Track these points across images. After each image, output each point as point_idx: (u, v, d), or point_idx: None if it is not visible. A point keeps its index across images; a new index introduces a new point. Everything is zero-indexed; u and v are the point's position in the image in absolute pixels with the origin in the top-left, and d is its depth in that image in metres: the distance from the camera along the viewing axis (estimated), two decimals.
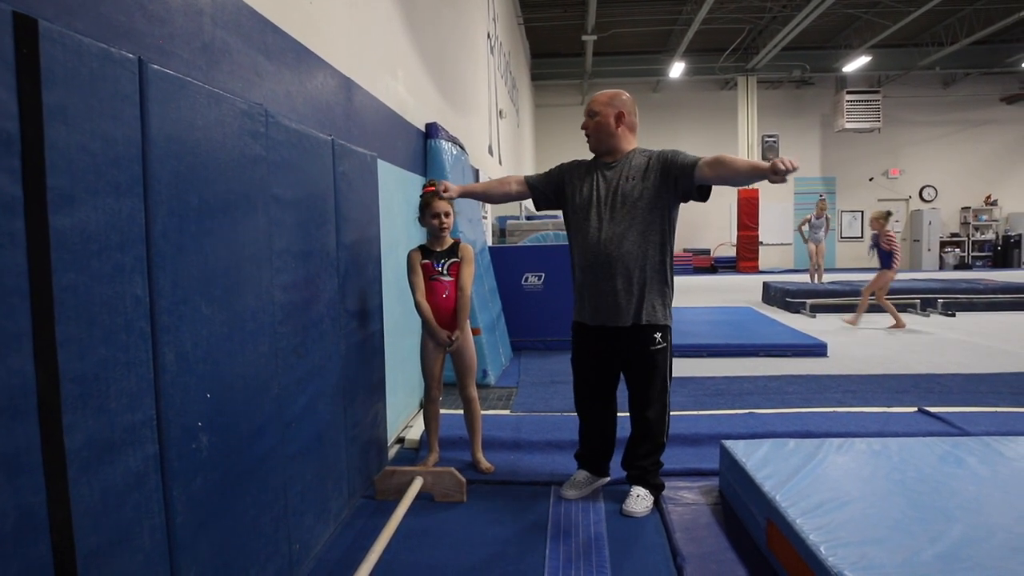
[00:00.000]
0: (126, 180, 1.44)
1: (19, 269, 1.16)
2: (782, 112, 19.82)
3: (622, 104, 2.83)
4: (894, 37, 15.39)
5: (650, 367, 2.86)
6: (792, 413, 4.09)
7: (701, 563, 2.42)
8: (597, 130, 2.85)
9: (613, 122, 2.81)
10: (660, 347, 2.83)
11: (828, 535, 2.01)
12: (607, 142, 2.84)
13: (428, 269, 3.22)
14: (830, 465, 2.63)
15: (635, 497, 2.90)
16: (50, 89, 1.23)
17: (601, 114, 2.82)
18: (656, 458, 2.96)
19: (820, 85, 19.43)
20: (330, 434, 2.62)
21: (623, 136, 2.84)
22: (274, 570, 2.11)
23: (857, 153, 19.74)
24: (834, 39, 17.09)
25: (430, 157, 4.87)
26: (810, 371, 5.50)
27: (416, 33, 4.72)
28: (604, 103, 2.83)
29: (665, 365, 2.88)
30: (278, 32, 2.39)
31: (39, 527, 1.19)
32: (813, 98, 19.81)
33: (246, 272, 1.95)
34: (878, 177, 19.88)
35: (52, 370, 1.23)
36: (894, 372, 5.40)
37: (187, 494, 1.64)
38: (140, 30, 1.62)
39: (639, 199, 2.76)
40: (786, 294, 9.85)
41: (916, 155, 19.88)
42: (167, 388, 1.56)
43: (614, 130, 2.82)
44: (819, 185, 20.28)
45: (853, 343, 6.93)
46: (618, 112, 2.81)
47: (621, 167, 2.82)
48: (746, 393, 4.74)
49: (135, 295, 1.46)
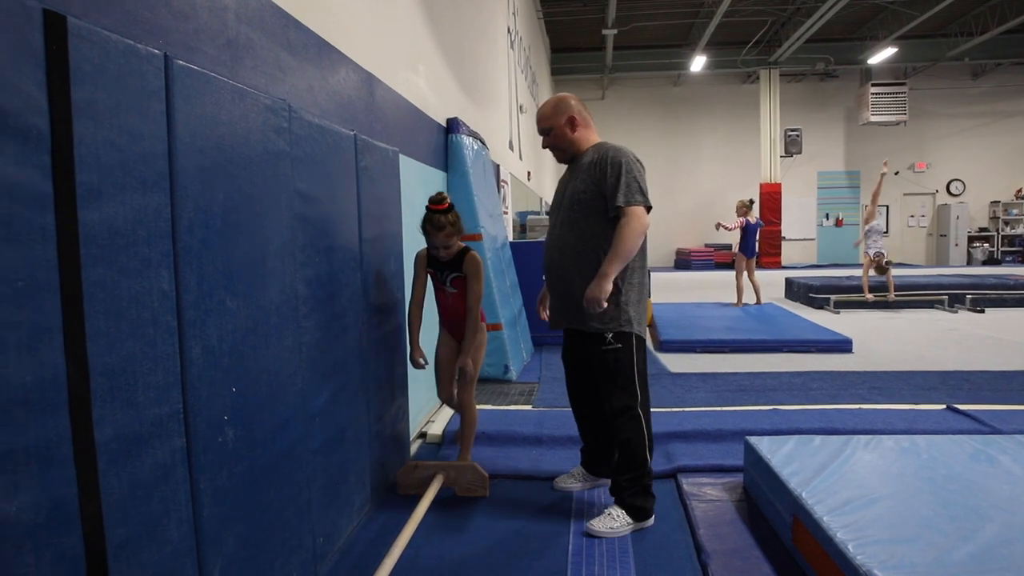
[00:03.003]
0: (152, 175, 1.45)
1: (50, 264, 1.18)
2: (805, 105, 19.59)
3: (568, 108, 2.76)
4: (921, 28, 15.12)
5: (604, 369, 2.70)
6: (817, 409, 4.04)
7: (726, 559, 2.39)
8: (556, 143, 2.79)
9: (568, 130, 2.75)
10: (612, 347, 2.66)
11: (856, 533, 1.98)
12: (569, 150, 2.78)
13: (433, 277, 3.09)
14: (857, 462, 2.59)
15: (604, 514, 2.67)
16: (78, 85, 1.23)
17: (554, 127, 2.76)
18: (632, 476, 2.68)
19: (844, 78, 19.17)
20: (353, 428, 2.63)
21: (581, 137, 2.77)
22: (298, 563, 2.12)
23: (882, 147, 19.45)
24: (859, 30, 16.84)
25: (451, 152, 4.87)
26: (835, 367, 5.44)
27: (437, 28, 4.72)
28: (550, 115, 2.77)
29: (624, 369, 2.67)
30: (300, 28, 2.39)
31: (71, 518, 1.21)
32: (837, 91, 19.56)
33: (270, 266, 1.96)
34: (904, 171, 19.58)
35: (82, 364, 1.24)
36: (921, 369, 5.32)
37: (213, 487, 1.65)
38: (166, 26, 1.63)
39: (578, 202, 2.68)
40: (809, 290, 9.74)
41: (943, 148, 19.56)
42: (193, 382, 1.58)
43: (571, 136, 2.76)
44: (843, 179, 20.05)
45: (879, 339, 6.84)
46: (568, 118, 2.74)
47: (575, 168, 2.78)
48: (770, 389, 4.70)
49: (162, 289, 1.47)
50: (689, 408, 4.18)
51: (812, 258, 19.88)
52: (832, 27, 15.38)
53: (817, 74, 18.93)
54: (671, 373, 5.33)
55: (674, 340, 6.40)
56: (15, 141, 1.11)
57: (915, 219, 19.96)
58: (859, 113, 18.63)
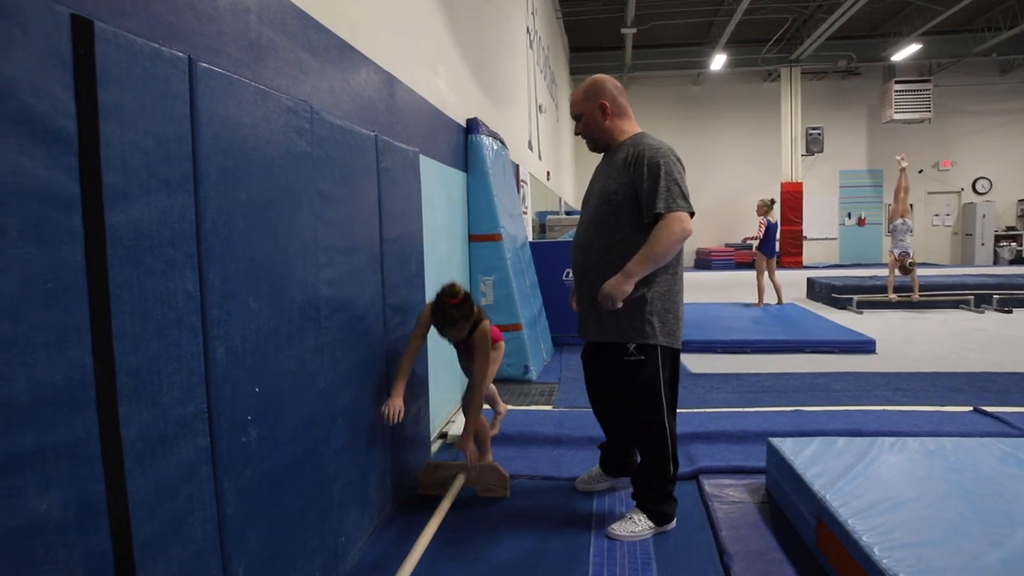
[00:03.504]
0: (177, 177, 1.46)
1: (77, 265, 1.19)
2: (827, 103, 19.38)
3: (602, 93, 2.58)
4: (947, 23, 14.90)
5: (626, 381, 2.57)
6: (840, 411, 4.00)
7: (748, 562, 2.37)
8: (588, 131, 2.62)
9: (600, 118, 2.58)
10: (634, 359, 2.50)
11: (882, 536, 1.95)
12: (602, 139, 2.62)
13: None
14: (882, 464, 2.56)
15: (626, 519, 2.62)
16: (105, 88, 1.25)
17: (586, 113, 2.60)
18: (656, 485, 2.62)
19: (867, 75, 18.94)
20: (374, 429, 2.63)
21: (615, 127, 2.59)
22: (320, 562, 2.13)
23: (906, 144, 19.18)
24: (882, 27, 16.62)
25: (471, 152, 4.87)
26: (858, 368, 5.38)
27: (456, 28, 4.73)
28: (583, 100, 2.60)
29: (648, 383, 2.52)
30: (322, 29, 2.40)
31: (99, 516, 1.22)
32: (860, 88, 19.33)
33: (292, 267, 1.97)
34: (928, 169, 19.31)
35: (109, 363, 1.26)
36: (947, 370, 5.24)
37: (237, 486, 1.66)
38: (190, 29, 1.65)
39: (608, 202, 2.53)
40: (832, 289, 9.63)
41: (969, 146, 19.25)
42: (217, 381, 1.59)
43: (604, 125, 2.58)
44: (865, 178, 19.81)
45: (903, 340, 6.75)
46: (600, 104, 2.57)
47: (609, 161, 2.62)
48: (792, 390, 4.66)
49: (186, 290, 1.49)
50: (711, 409, 4.15)
51: (834, 258, 19.68)
52: (854, 24, 15.19)
53: (839, 72, 18.72)
54: (692, 374, 5.30)
55: (695, 340, 6.34)
56: (44, 144, 1.12)
57: (940, 218, 19.67)
58: (882, 111, 18.41)
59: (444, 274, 4.09)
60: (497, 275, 4.92)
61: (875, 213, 19.78)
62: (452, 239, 4.36)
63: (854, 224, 19.96)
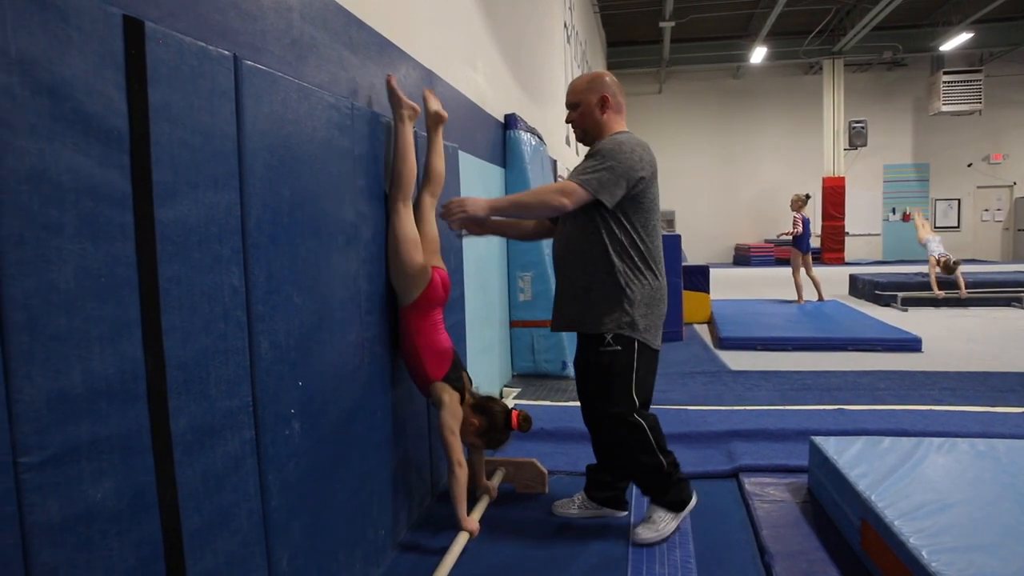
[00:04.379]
0: (223, 174, 1.49)
1: (129, 260, 1.22)
2: (871, 96, 18.92)
3: (604, 87, 2.49)
4: (1000, 10, 14.36)
5: (599, 370, 2.47)
6: (885, 410, 3.91)
7: (790, 561, 2.34)
8: (582, 121, 2.52)
9: (597, 111, 2.48)
10: (611, 349, 2.42)
11: (930, 539, 1.90)
12: (593, 131, 2.51)
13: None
14: (929, 465, 2.49)
15: (647, 520, 2.55)
16: (155, 87, 1.27)
17: (583, 103, 2.49)
18: (654, 476, 2.52)
19: (914, 66, 18.41)
20: (414, 423, 2.66)
21: (609, 121, 2.50)
22: (361, 555, 2.16)
23: (954, 138, 18.66)
24: (930, 16, 16.14)
25: (509, 148, 4.87)
26: (903, 367, 5.26)
27: (495, 24, 4.72)
28: (583, 90, 2.50)
29: (621, 373, 2.43)
30: (362, 26, 2.42)
31: (150, 506, 1.25)
32: (905, 80, 18.82)
33: (335, 262, 1.99)
34: (977, 163, 18.74)
35: (159, 357, 1.29)
36: (997, 369, 5.09)
37: (281, 478, 1.69)
38: (235, 28, 1.67)
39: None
40: (875, 286, 9.42)
41: (1022, 138, 18.61)
42: (262, 376, 1.61)
43: (599, 117, 2.49)
44: (911, 172, 19.31)
45: (950, 338, 6.57)
46: (600, 96, 2.47)
47: (586, 154, 2.52)
48: (835, 388, 4.57)
49: (232, 285, 1.51)
50: (751, 407, 4.09)
51: (877, 254, 19.22)
52: (901, 13, 14.77)
53: (884, 63, 18.23)
54: (731, 371, 5.23)
55: (734, 337, 6.28)
56: (98, 143, 1.15)
57: (990, 213, 19.08)
58: (929, 103, 17.88)
59: (482, 270, 4.10)
60: (535, 271, 4.92)
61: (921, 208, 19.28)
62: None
63: (898, 220, 19.48)
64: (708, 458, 3.33)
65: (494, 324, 4.47)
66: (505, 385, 4.76)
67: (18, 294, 1.01)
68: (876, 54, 17.08)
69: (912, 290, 9.05)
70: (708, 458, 3.33)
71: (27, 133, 1.02)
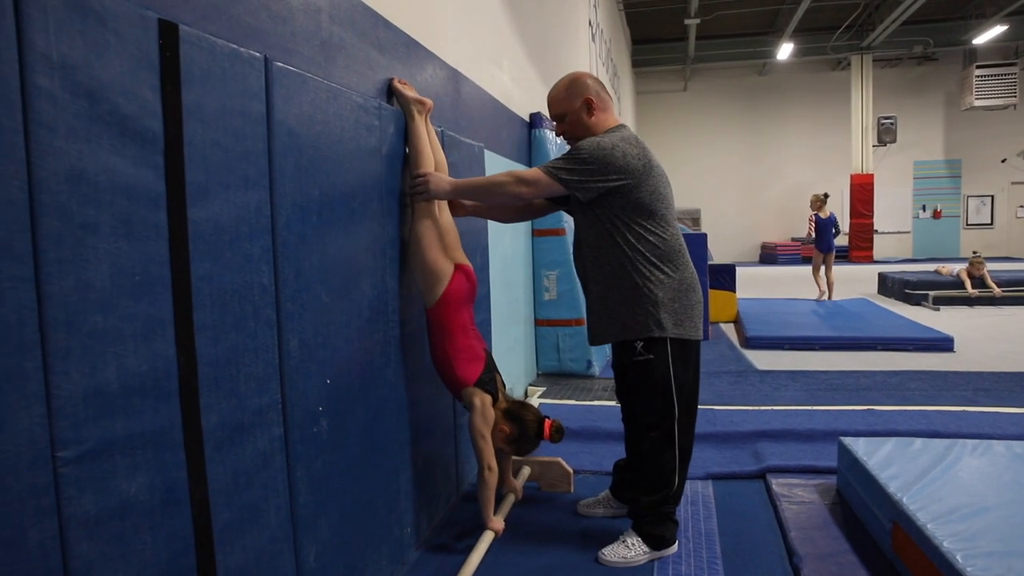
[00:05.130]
0: (254, 173, 1.50)
1: (162, 259, 1.24)
2: (900, 91, 18.62)
3: (584, 89, 2.39)
4: None
5: (635, 382, 2.38)
6: (916, 411, 3.85)
7: (819, 563, 2.31)
8: (573, 131, 2.41)
9: (584, 115, 2.37)
10: (643, 358, 2.31)
11: (965, 543, 1.87)
12: (585, 137, 2.37)
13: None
14: (963, 468, 2.45)
15: (619, 541, 2.42)
16: (189, 89, 1.29)
17: (568, 111, 2.39)
18: (654, 499, 2.40)
19: (945, 60, 18.07)
20: (440, 421, 2.67)
21: (598, 121, 2.39)
22: (387, 552, 2.17)
23: (987, 133, 18.29)
24: (963, 8, 15.82)
25: (534, 147, 4.87)
26: (935, 367, 5.17)
27: (520, 22, 4.72)
28: (564, 98, 2.40)
29: (658, 383, 2.32)
30: (389, 26, 2.43)
31: (181, 501, 1.27)
32: (936, 75, 18.49)
33: (362, 261, 2.01)
34: (1012, 158, 18.35)
35: (191, 354, 1.31)
36: None
37: (309, 475, 1.70)
38: (265, 29, 1.69)
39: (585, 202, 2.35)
40: (905, 285, 9.27)
41: None
42: (291, 373, 1.63)
43: (588, 121, 2.38)
44: (942, 168, 18.96)
45: (984, 338, 6.45)
46: (584, 100, 2.37)
47: None
48: (864, 388, 4.51)
49: (262, 284, 1.53)
50: (778, 407, 4.05)
51: (907, 252, 18.91)
52: (932, 7, 14.51)
53: (914, 58, 17.90)
54: (758, 370, 5.18)
55: (761, 336, 6.21)
56: (134, 144, 1.17)
57: None
58: (961, 98, 17.54)
59: (507, 268, 4.11)
60: (560, 270, 4.91)
61: (952, 205, 18.93)
62: (516, 233, 4.37)
63: (929, 217, 19.16)
64: (735, 458, 3.30)
65: (519, 323, 4.47)
66: (530, 384, 4.76)
67: (57, 292, 1.03)
68: (906, 49, 16.79)
69: (944, 289, 8.89)
70: (735, 458, 3.30)
71: (67, 135, 1.04)
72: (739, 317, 7.37)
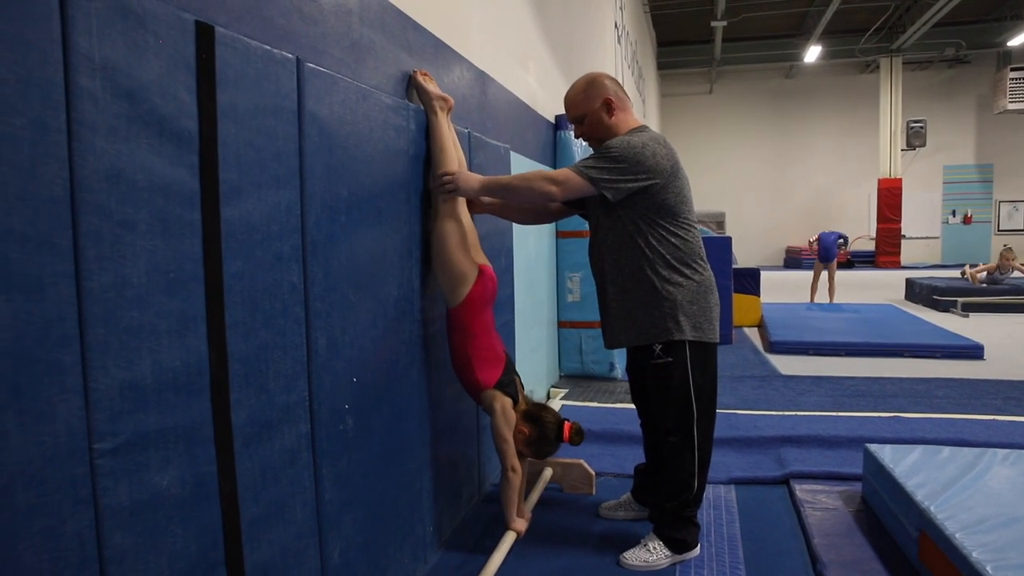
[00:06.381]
0: (285, 173, 1.53)
1: (196, 257, 1.26)
2: (931, 94, 18.35)
3: (603, 90, 2.35)
4: None
5: (655, 385, 2.36)
6: (944, 419, 3.79)
7: (844, 571, 2.29)
8: (593, 132, 2.38)
9: (604, 116, 2.34)
10: (662, 361, 2.29)
11: (995, 554, 1.84)
12: (605, 139, 2.34)
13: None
14: (993, 477, 2.41)
15: (640, 545, 2.41)
16: (223, 89, 1.32)
17: (588, 113, 2.36)
18: (675, 503, 2.38)
19: (977, 63, 17.77)
20: (463, 421, 2.68)
21: (619, 123, 2.36)
22: (409, 550, 2.19)
23: (1021, 137, 17.95)
24: (997, 9, 15.53)
25: (559, 149, 4.87)
26: (963, 374, 5.09)
27: (546, 24, 4.73)
28: (582, 100, 2.37)
29: (677, 385, 2.30)
30: (418, 28, 2.45)
31: (211, 495, 1.29)
32: (968, 78, 18.19)
33: (389, 261, 2.02)
34: None
35: (222, 351, 1.33)
36: None
37: (335, 472, 1.72)
38: (297, 31, 1.71)
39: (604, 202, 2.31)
40: (933, 291, 9.13)
41: None
42: (318, 371, 1.65)
43: (608, 122, 2.35)
44: (973, 172, 18.65)
45: (1016, 345, 6.33)
46: (603, 101, 2.33)
47: None
48: (890, 395, 4.45)
49: (291, 282, 1.55)
50: (802, 412, 4.01)
51: (936, 257, 18.63)
52: (965, 8, 14.26)
53: (945, 60, 17.63)
54: (782, 375, 5.13)
55: (785, 341, 6.16)
56: (170, 143, 1.19)
57: None
58: (994, 101, 17.22)
59: (531, 269, 4.11)
60: (584, 271, 4.90)
61: (983, 211, 18.61)
62: (540, 235, 4.37)
63: (959, 222, 18.85)
64: (758, 464, 3.28)
65: (542, 324, 4.47)
66: (552, 385, 4.76)
67: (96, 288, 1.05)
68: (937, 51, 16.54)
69: (974, 295, 8.75)
70: (758, 464, 3.28)
71: (107, 135, 1.07)
72: (763, 321, 7.31)
